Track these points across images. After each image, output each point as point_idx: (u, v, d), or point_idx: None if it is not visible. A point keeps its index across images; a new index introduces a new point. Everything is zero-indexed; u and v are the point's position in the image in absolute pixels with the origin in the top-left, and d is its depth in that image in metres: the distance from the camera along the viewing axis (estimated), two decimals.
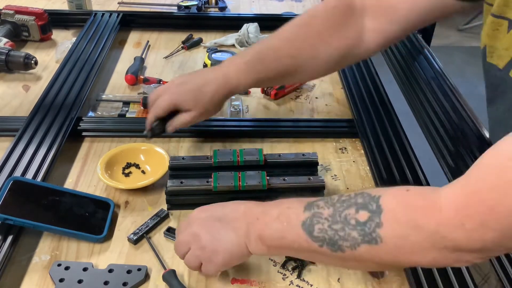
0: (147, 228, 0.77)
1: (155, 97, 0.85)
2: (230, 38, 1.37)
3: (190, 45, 1.35)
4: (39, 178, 0.83)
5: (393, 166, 0.89)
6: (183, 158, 0.84)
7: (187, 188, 0.79)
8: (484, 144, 0.88)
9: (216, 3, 1.58)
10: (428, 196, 0.52)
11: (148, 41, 1.37)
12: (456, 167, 0.86)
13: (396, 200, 0.53)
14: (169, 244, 0.76)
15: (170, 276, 0.69)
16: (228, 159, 0.83)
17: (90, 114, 1.07)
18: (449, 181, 0.85)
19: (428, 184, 0.84)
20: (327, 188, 0.87)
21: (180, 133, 1.00)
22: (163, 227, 0.79)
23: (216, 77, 0.82)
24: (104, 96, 1.12)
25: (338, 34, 0.80)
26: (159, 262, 0.72)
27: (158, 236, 0.77)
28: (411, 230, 0.51)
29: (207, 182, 0.79)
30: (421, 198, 0.52)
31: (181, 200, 0.80)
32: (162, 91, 0.85)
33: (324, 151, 0.97)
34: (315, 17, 0.83)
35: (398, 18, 0.78)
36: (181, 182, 0.79)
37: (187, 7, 1.52)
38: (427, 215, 0.50)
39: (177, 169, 0.83)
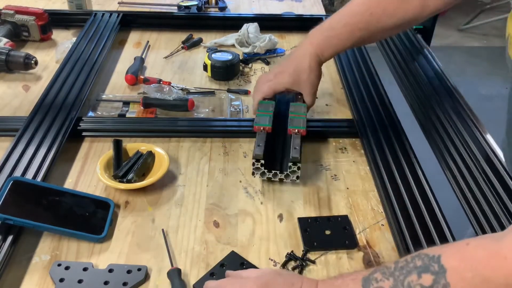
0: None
1: (258, 86, 0.99)
2: (230, 38, 1.37)
3: (190, 45, 1.35)
4: (39, 178, 0.83)
5: (393, 166, 0.89)
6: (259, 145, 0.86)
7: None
8: (484, 144, 0.88)
9: (216, 3, 1.58)
10: (490, 246, 0.50)
11: (148, 41, 1.37)
12: (456, 167, 0.86)
13: (458, 256, 0.51)
14: (177, 242, 0.76)
15: (174, 274, 0.69)
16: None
17: (90, 114, 1.07)
18: (448, 180, 0.86)
19: (428, 184, 0.84)
20: (327, 189, 0.87)
21: (180, 133, 1.00)
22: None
23: (304, 54, 0.95)
24: (104, 96, 1.12)
25: (402, 6, 0.89)
26: (169, 258, 0.72)
27: (171, 232, 0.77)
28: (480, 284, 0.49)
29: None
30: (482, 249, 0.50)
31: None
32: (265, 80, 0.98)
33: (324, 151, 0.97)
34: None
35: None
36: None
37: (187, 7, 1.52)
38: (493, 267, 0.48)
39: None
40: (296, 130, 0.88)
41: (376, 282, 0.55)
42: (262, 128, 0.89)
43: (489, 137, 0.90)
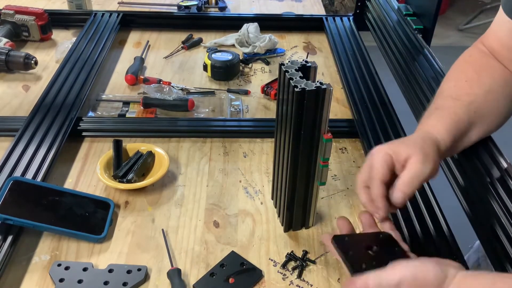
0: None
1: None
2: (230, 38, 1.37)
3: (190, 45, 1.35)
4: (39, 178, 0.83)
5: None
6: None
7: None
8: (484, 144, 0.88)
9: (216, 3, 1.58)
10: None
11: (148, 41, 1.37)
12: (456, 167, 0.86)
13: None
14: (177, 242, 0.76)
15: (174, 274, 0.69)
16: None
17: (90, 114, 1.07)
18: (449, 181, 0.85)
19: (428, 184, 0.84)
20: (327, 188, 0.87)
21: (180, 133, 1.00)
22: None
23: (419, 135, 0.69)
24: (104, 96, 1.12)
25: (489, 71, 0.77)
26: (169, 258, 0.72)
27: (171, 232, 0.77)
28: None
29: None
30: None
31: None
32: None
33: None
34: (478, 73, 0.77)
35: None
36: None
37: (187, 7, 1.52)
38: None
39: None
40: None
41: None
42: None
43: (489, 137, 0.90)
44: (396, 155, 0.64)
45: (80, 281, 0.68)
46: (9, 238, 0.72)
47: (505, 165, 0.77)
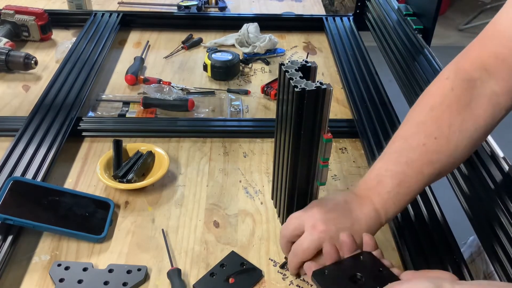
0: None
1: (297, 232, 0.69)
2: (230, 38, 1.37)
3: (190, 45, 1.35)
4: (39, 178, 0.83)
5: None
6: None
7: None
8: (484, 144, 0.88)
9: (216, 3, 1.58)
10: None
11: (148, 41, 1.37)
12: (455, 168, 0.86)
13: None
14: (177, 242, 0.76)
15: (174, 274, 0.69)
16: None
17: (90, 114, 1.07)
18: (449, 180, 0.85)
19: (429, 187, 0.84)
20: (327, 188, 0.87)
21: (180, 133, 1.00)
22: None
23: (366, 216, 0.67)
24: (104, 96, 1.12)
25: (471, 115, 0.66)
26: (169, 258, 0.72)
27: (171, 232, 0.77)
28: None
29: None
30: None
31: None
32: (307, 230, 0.67)
33: None
34: (436, 109, 0.69)
35: None
36: None
37: (187, 7, 1.52)
38: None
39: None
40: None
41: None
42: None
43: (488, 137, 0.90)
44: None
45: (80, 281, 0.68)
46: (9, 238, 0.72)
47: (506, 167, 0.77)
